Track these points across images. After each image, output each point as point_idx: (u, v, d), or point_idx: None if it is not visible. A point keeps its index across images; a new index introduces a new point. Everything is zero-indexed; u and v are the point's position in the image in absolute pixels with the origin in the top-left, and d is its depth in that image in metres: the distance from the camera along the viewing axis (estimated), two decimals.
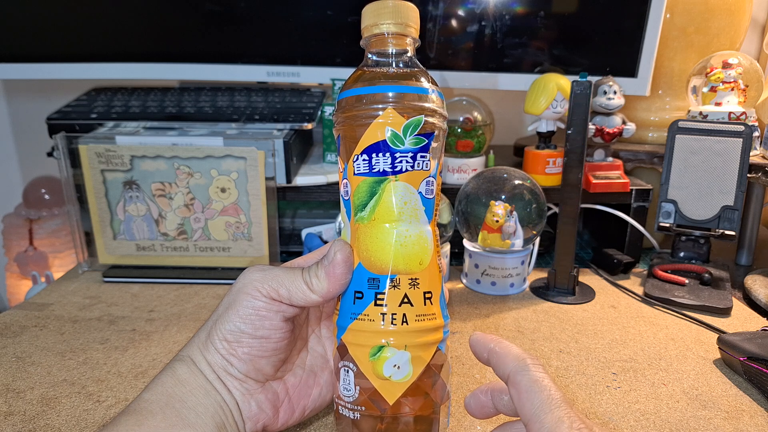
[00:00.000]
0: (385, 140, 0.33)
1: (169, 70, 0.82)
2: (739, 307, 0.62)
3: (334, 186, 0.71)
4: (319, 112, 0.75)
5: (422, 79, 0.34)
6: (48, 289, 0.64)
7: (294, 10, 0.79)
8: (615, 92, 0.72)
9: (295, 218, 0.83)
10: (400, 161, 0.33)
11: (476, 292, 0.65)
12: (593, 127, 0.73)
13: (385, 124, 0.32)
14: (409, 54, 0.35)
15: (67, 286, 0.65)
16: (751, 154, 0.66)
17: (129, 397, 0.44)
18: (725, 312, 0.60)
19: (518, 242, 0.63)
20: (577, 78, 0.60)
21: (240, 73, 0.83)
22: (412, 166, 0.33)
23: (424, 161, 0.33)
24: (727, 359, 0.50)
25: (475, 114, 0.78)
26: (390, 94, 0.33)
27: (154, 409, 0.31)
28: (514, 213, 0.62)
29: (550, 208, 0.71)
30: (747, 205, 0.77)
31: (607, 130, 0.73)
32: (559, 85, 0.71)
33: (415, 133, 0.33)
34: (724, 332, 0.53)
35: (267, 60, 0.82)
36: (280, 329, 0.34)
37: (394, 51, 0.34)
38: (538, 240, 0.70)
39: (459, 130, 0.74)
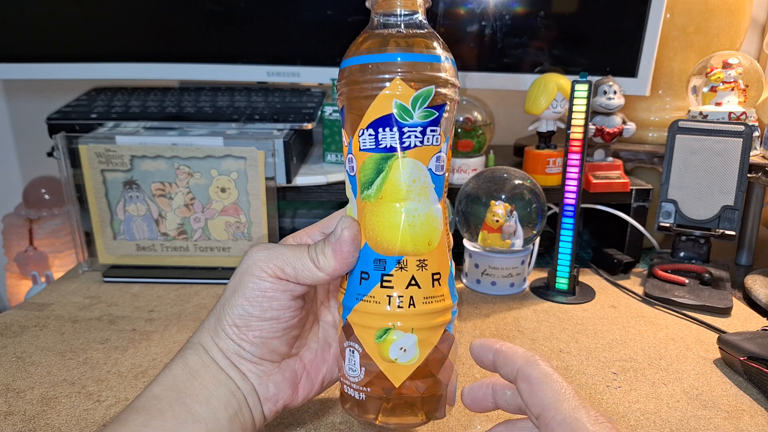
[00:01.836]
0: (392, 114, 0.30)
1: (169, 70, 0.82)
2: (739, 307, 0.62)
3: (334, 186, 0.71)
4: (319, 112, 0.75)
5: (433, 45, 0.31)
6: (48, 289, 0.64)
7: (294, 10, 0.79)
8: (615, 92, 0.72)
9: (295, 218, 0.83)
10: (409, 136, 0.31)
11: (476, 292, 0.65)
12: (593, 126, 0.73)
13: (393, 96, 0.30)
14: (419, 16, 0.32)
15: (67, 286, 0.65)
16: (751, 154, 0.66)
17: (129, 396, 0.44)
18: (725, 312, 0.60)
19: (518, 242, 0.63)
20: (577, 78, 0.60)
21: (240, 73, 0.83)
22: (422, 142, 0.31)
23: (434, 135, 0.31)
24: (727, 359, 0.50)
25: (475, 114, 0.78)
26: (398, 63, 0.30)
27: (163, 406, 0.30)
28: (514, 213, 0.62)
29: (550, 208, 0.71)
30: (747, 205, 0.77)
31: (607, 130, 0.73)
32: (559, 85, 0.71)
33: (425, 105, 0.31)
34: (724, 332, 0.53)
35: (267, 60, 0.82)
36: (290, 308, 0.33)
37: (402, 12, 0.31)
38: (538, 240, 0.70)
39: (459, 130, 0.74)
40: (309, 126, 0.72)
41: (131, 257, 0.68)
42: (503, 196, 0.63)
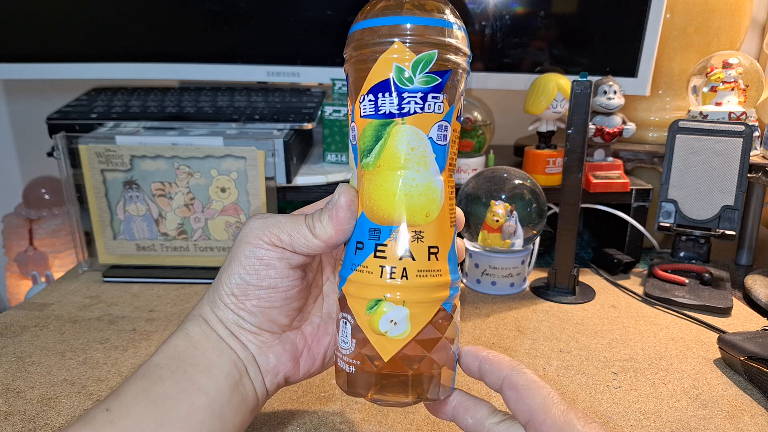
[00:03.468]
0: (391, 78, 0.30)
1: (169, 70, 0.82)
2: (739, 307, 0.62)
3: (334, 186, 0.71)
4: (319, 112, 0.75)
5: (440, 9, 0.30)
6: (48, 289, 0.64)
7: (294, 10, 0.79)
8: (615, 92, 0.72)
9: None
10: (408, 102, 0.30)
11: (476, 292, 0.65)
12: (593, 126, 0.73)
13: (393, 60, 0.29)
14: None
15: (67, 286, 0.65)
16: (751, 154, 0.66)
17: None
18: (725, 312, 0.60)
19: (518, 242, 0.63)
20: (577, 78, 0.60)
21: (240, 73, 0.83)
22: (422, 108, 0.30)
23: (436, 103, 0.30)
24: (727, 359, 0.50)
25: (475, 114, 0.78)
26: (400, 26, 0.29)
27: (164, 373, 0.30)
28: (515, 213, 0.62)
29: (550, 208, 0.71)
30: (747, 205, 0.77)
31: (607, 129, 0.73)
32: (559, 85, 0.71)
33: (426, 70, 0.30)
34: (724, 332, 0.53)
35: (267, 60, 0.82)
36: (287, 277, 0.32)
37: None
38: (538, 240, 0.70)
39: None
40: (309, 126, 0.72)
41: (131, 257, 0.68)
42: (503, 196, 0.63)
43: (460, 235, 0.67)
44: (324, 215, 0.32)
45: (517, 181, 0.65)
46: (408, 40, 0.29)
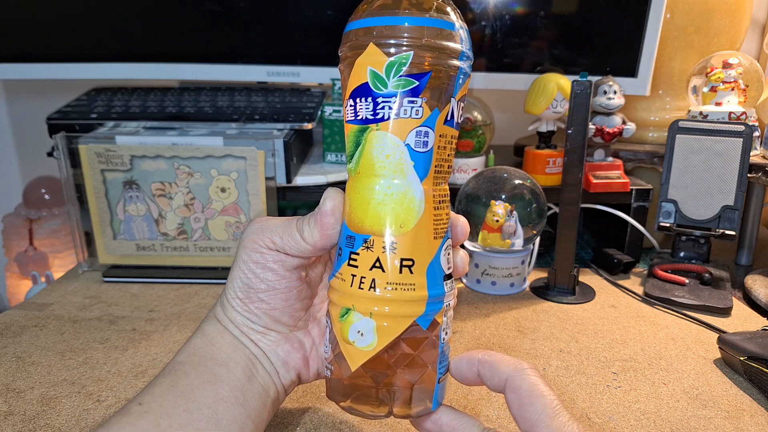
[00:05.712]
0: (367, 82, 0.29)
1: (169, 70, 0.82)
2: (739, 307, 0.62)
3: (334, 186, 0.71)
4: (319, 112, 0.75)
5: (424, 8, 0.29)
6: (48, 289, 0.64)
7: (294, 10, 0.79)
8: (615, 92, 0.72)
9: None
10: (382, 107, 0.29)
11: (476, 292, 0.65)
12: (593, 126, 0.73)
13: (367, 64, 0.28)
14: None
15: (67, 286, 0.65)
16: (751, 154, 0.66)
17: (129, 396, 0.44)
18: (725, 312, 0.60)
19: (518, 242, 0.63)
20: (577, 78, 0.60)
21: (240, 73, 0.83)
22: (397, 114, 0.29)
23: (412, 107, 0.29)
24: (727, 359, 0.50)
25: (475, 114, 0.78)
26: (375, 27, 0.28)
27: (188, 369, 0.32)
28: (515, 213, 0.62)
29: (550, 208, 0.71)
30: (747, 205, 0.77)
31: (607, 129, 0.73)
32: (559, 85, 0.71)
33: (401, 73, 0.28)
34: (724, 332, 0.53)
35: (267, 60, 0.82)
36: (285, 279, 0.33)
37: None
38: (538, 240, 0.70)
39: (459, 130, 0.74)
40: (309, 126, 0.72)
41: (131, 257, 0.68)
42: (503, 196, 0.63)
43: None
44: (312, 219, 0.32)
45: (517, 181, 0.65)
46: (382, 42, 0.28)
